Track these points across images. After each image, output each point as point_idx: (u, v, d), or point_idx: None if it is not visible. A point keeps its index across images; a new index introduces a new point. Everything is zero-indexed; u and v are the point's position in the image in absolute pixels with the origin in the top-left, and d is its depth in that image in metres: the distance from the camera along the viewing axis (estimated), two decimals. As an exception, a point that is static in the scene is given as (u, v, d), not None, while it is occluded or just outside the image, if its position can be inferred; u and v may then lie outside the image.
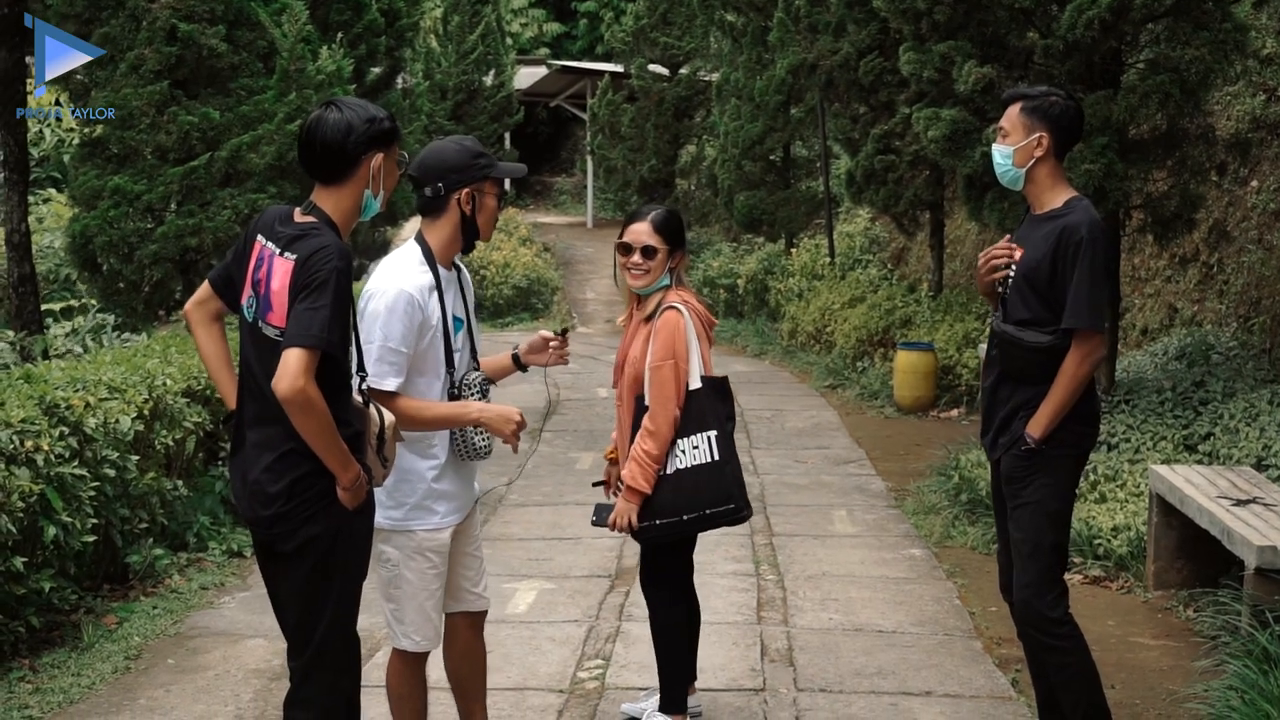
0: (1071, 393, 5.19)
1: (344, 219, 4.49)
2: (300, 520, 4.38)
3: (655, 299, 5.67)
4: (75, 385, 7.75)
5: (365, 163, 4.45)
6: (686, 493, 5.55)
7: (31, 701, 6.38)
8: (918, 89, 13.17)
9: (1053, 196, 5.32)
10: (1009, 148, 5.31)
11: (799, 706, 6.38)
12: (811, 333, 20.68)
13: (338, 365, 4.37)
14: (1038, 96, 5.30)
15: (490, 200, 5.03)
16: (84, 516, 7.22)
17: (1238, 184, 12.74)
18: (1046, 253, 5.19)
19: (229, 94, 12.60)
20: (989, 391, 5.48)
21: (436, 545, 4.95)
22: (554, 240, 34.76)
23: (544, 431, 14.32)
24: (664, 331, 5.56)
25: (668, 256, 5.65)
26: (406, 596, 4.98)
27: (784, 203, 24.50)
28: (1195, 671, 6.63)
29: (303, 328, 4.20)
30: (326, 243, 4.30)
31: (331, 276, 4.23)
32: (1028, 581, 5.31)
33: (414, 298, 4.80)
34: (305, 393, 4.16)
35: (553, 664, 6.99)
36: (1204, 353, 11.29)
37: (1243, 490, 7.62)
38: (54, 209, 19.13)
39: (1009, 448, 5.33)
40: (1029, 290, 5.25)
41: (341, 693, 4.58)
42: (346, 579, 4.51)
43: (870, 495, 11.22)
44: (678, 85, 32.91)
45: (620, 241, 5.69)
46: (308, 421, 4.22)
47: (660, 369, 5.53)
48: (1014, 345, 5.28)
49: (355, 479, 4.37)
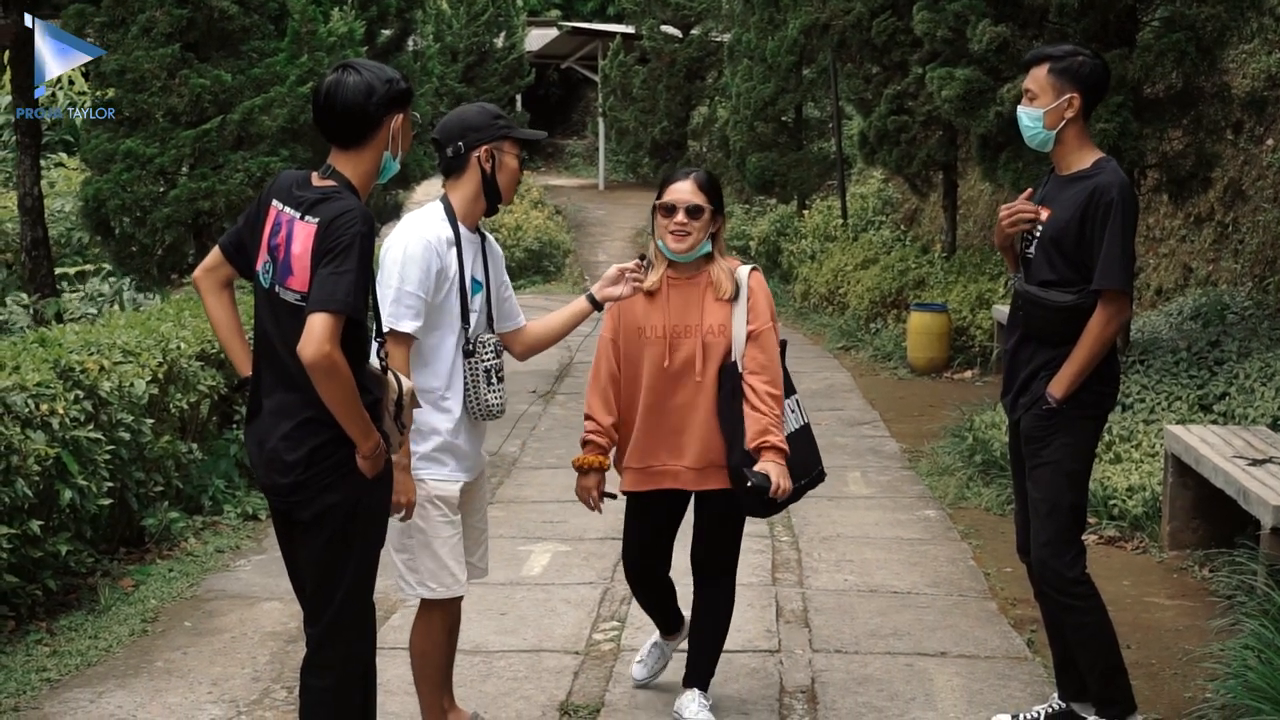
0: (1095, 353, 5.16)
1: (363, 182, 4.47)
2: (319, 489, 4.37)
3: (719, 274, 5.41)
4: (90, 349, 7.76)
5: (386, 124, 4.42)
6: (800, 456, 5.43)
7: (49, 664, 6.40)
8: (931, 48, 13.12)
9: (1080, 157, 5.26)
10: (1038, 110, 5.22)
11: (814, 667, 6.38)
12: (824, 294, 20.66)
13: (360, 332, 4.36)
14: (1065, 56, 5.22)
15: (510, 160, 5.04)
16: (99, 480, 7.23)
17: (1253, 143, 12.69)
18: (1075, 213, 5.14)
19: (240, 56, 12.57)
20: (1010, 353, 5.46)
21: (447, 495, 4.98)
22: (566, 203, 34.69)
23: (557, 394, 14.33)
24: (760, 292, 5.43)
25: (711, 219, 5.38)
26: (419, 545, 5.00)
27: (796, 164, 24.46)
28: (1211, 631, 6.62)
29: (328, 292, 4.16)
30: (350, 206, 4.28)
31: (356, 240, 4.20)
32: (1045, 540, 5.29)
33: (431, 245, 4.85)
34: (331, 358, 4.13)
35: (568, 626, 7.00)
36: (1219, 312, 11.26)
37: (1258, 450, 7.61)
38: (66, 173, 19.12)
39: (1030, 407, 5.29)
40: (1055, 252, 5.21)
41: (358, 659, 4.58)
42: (365, 546, 4.51)
43: (884, 457, 11.22)
44: (689, 46, 32.87)
45: (662, 203, 5.36)
46: (332, 387, 4.19)
47: (769, 331, 5.39)
48: (1038, 305, 5.24)
49: (375, 447, 4.35)
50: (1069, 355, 5.19)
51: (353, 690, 4.59)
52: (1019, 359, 5.40)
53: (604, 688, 6.17)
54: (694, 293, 5.39)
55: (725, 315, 5.36)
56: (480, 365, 4.96)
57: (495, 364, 5.00)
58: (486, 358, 4.97)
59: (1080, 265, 5.16)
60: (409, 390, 4.58)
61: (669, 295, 5.41)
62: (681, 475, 5.43)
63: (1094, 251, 5.13)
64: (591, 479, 5.52)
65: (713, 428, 5.36)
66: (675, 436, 5.41)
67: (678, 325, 5.37)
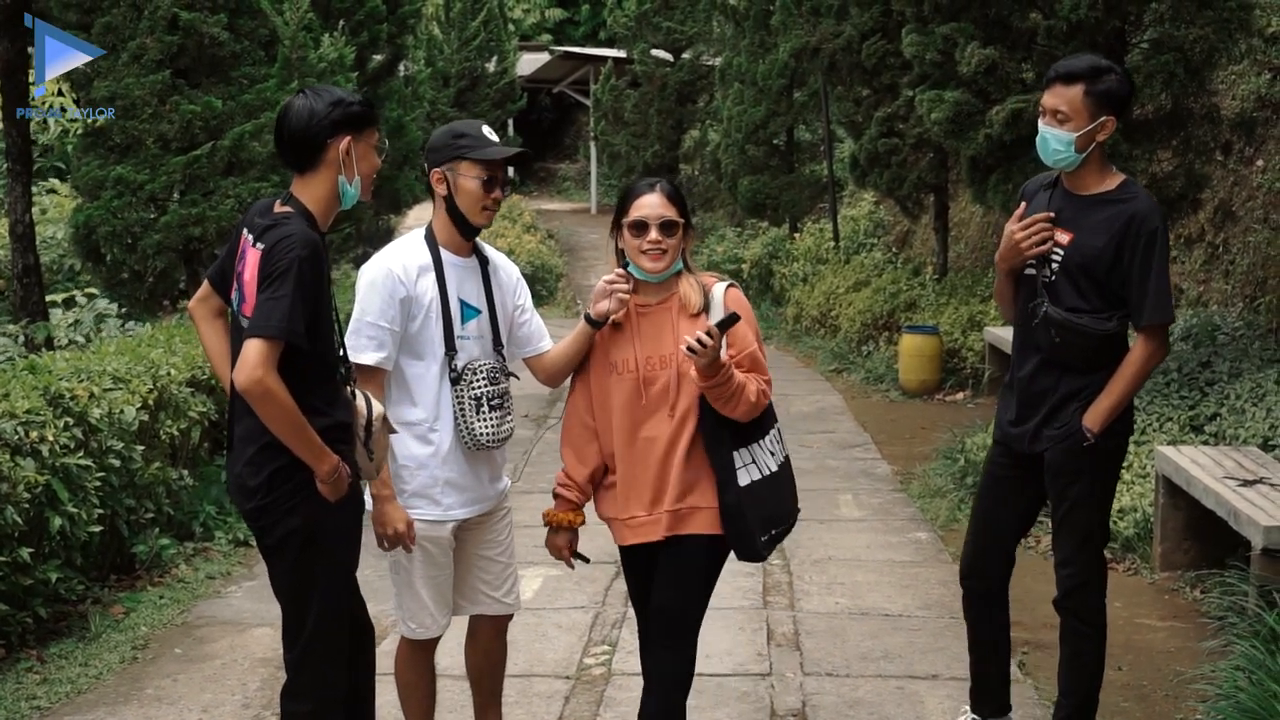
0: (1136, 387, 5.10)
1: (320, 207, 4.47)
2: (281, 513, 4.40)
3: (685, 288, 4.82)
4: (79, 376, 7.75)
5: (332, 147, 4.42)
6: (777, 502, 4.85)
7: (39, 692, 6.38)
8: (920, 71, 13.12)
9: (1101, 178, 5.12)
10: (1070, 134, 5.00)
11: (805, 691, 6.37)
12: (816, 317, 20.66)
13: (315, 356, 4.36)
14: (1099, 76, 4.99)
15: (468, 182, 4.83)
16: (90, 507, 7.22)
17: (1243, 163, 12.71)
18: (1110, 241, 5.00)
19: (231, 82, 12.61)
20: (1026, 380, 5.24)
21: (436, 538, 4.91)
22: (558, 227, 34.74)
23: (550, 418, 14.31)
24: (743, 309, 4.81)
25: (684, 232, 4.82)
26: (404, 583, 4.98)
27: (788, 187, 24.48)
28: (1202, 652, 6.62)
29: (262, 318, 4.20)
30: (291, 232, 4.29)
31: (293, 265, 4.21)
32: (1076, 569, 5.25)
33: (394, 273, 4.77)
34: (264, 383, 4.16)
35: (559, 650, 6.99)
36: (1210, 333, 11.27)
37: (1249, 471, 7.61)
38: (57, 200, 19.13)
39: (1061, 441, 5.14)
40: (1084, 277, 5.05)
41: (335, 685, 4.56)
42: (331, 571, 4.50)
43: (876, 479, 11.21)
44: (680, 70, 32.91)
45: (632, 220, 4.75)
46: (269, 412, 4.22)
47: (754, 354, 4.78)
48: (1075, 333, 5.04)
49: (331, 471, 4.35)
50: (1100, 385, 5.09)
51: (330, 716, 4.58)
52: (1040, 387, 5.20)
53: (595, 712, 6.16)
54: (665, 318, 4.81)
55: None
56: (468, 393, 4.83)
57: (488, 391, 4.86)
58: (478, 385, 4.85)
59: (1110, 293, 5.05)
60: (378, 415, 4.56)
61: (638, 324, 4.83)
62: (660, 522, 4.78)
63: (1128, 281, 5.01)
64: (562, 537, 5.04)
65: (693, 466, 4.76)
66: (656, 481, 4.78)
67: (651, 356, 4.78)
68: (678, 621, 4.82)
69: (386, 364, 4.80)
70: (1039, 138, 5.12)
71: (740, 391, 4.64)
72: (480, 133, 4.89)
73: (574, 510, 4.99)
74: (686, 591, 4.83)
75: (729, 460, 4.75)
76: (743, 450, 4.79)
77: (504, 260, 5.19)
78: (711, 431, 4.74)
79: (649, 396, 4.77)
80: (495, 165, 4.86)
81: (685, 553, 4.80)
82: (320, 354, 4.41)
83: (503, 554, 5.21)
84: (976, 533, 5.51)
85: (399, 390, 4.88)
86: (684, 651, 4.83)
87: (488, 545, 5.14)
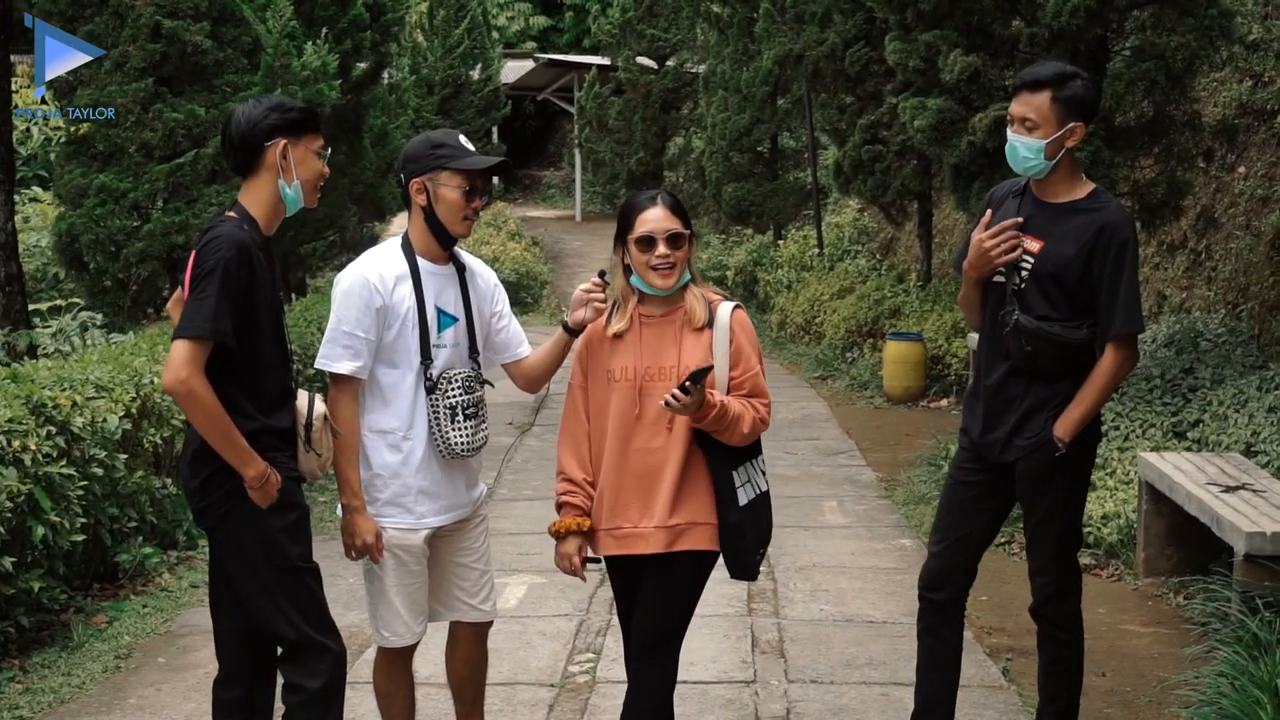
0: (1106, 396, 5.10)
1: (262, 212, 4.51)
2: (216, 518, 4.45)
3: (691, 301, 4.78)
4: (62, 384, 7.72)
5: (269, 151, 4.46)
6: (761, 525, 4.85)
7: (22, 701, 6.37)
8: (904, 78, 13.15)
9: (1070, 186, 5.09)
10: (1040, 141, 4.97)
11: (790, 698, 6.38)
12: (800, 324, 20.68)
13: (249, 358, 4.38)
14: (1065, 82, 4.97)
15: (448, 192, 4.81)
16: (73, 516, 7.19)
17: (1225, 170, 12.74)
18: (1080, 250, 4.98)
19: (214, 90, 12.59)
20: (994, 388, 5.19)
21: (408, 545, 4.89)
22: (543, 234, 34.72)
23: (534, 426, 14.31)
24: (748, 332, 4.83)
25: (689, 242, 4.76)
26: (377, 591, 4.97)
27: (772, 194, 24.53)
28: (1185, 658, 6.64)
29: (187, 318, 4.25)
30: (219, 233, 4.35)
31: (218, 266, 4.25)
32: (1052, 577, 5.25)
33: (370, 282, 4.77)
34: (187, 384, 4.20)
35: (543, 658, 6.99)
36: (1192, 340, 11.29)
37: (1231, 477, 7.63)
38: (40, 208, 19.08)
39: (1032, 451, 5.11)
40: (1053, 286, 5.03)
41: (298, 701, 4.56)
42: (272, 581, 4.50)
43: (860, 486, 11.22)
44: (664, 77, 32.97)
45: (638, 236, 4.69)
46: (193, 414, 4.28)
47: (760, 373, 4.82)
48: (1048, 341, 5.01)
49: (259, 477, 4.36)
50: (1068, 393, 5.07)
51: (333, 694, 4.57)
52: (1008, 395, 5.16)
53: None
54: (669, 330, 4.77)
55: (704, 355, 4.72)
56: (443, 402, 4.82)
57: (463, 400, 4.85)
58: (453, 393, 4.84)
59: (1079, 302, 5.02)
60: (319, 414, 4.56)
61: (641, 334, 4.78)
62: (652, 537, 4.73)
63: (1097, 290, 5.00)
64: (571, 544, 4.84)
65: (688, 482, 4.72)
66: (646, 494, 4.74)
67: (650, 368, 4.74)
68: (661, 641, 4.81)
69: (361, 373, 4.79)
70: (1009, 146, 5.08)
71: (736, 424, 4.66)
72: (458, 142, 4.87)
73: (582, 515, 4.85)
74: (671, 611, 4.83)
75: (730, 479, 4.74)
76: (739, 470, 4.79)
77: (481, 266, 5.18)
78: (715, 449, 4.72)
79: (644, 408, 4.72)
80: (476, 175, 4.85)
81: (677, 570, 4.78)
82: (254, 357, 4.41)
83: (479, 561, 5.20)
84: (942, 543, 5.41)
85: (373, 398, 4.87)
86: (667, 666, 4.83)
87: (463, 552, 5.13)
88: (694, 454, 4.73)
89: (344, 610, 7.77)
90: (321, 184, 4.66)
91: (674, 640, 4.83)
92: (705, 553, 4.78)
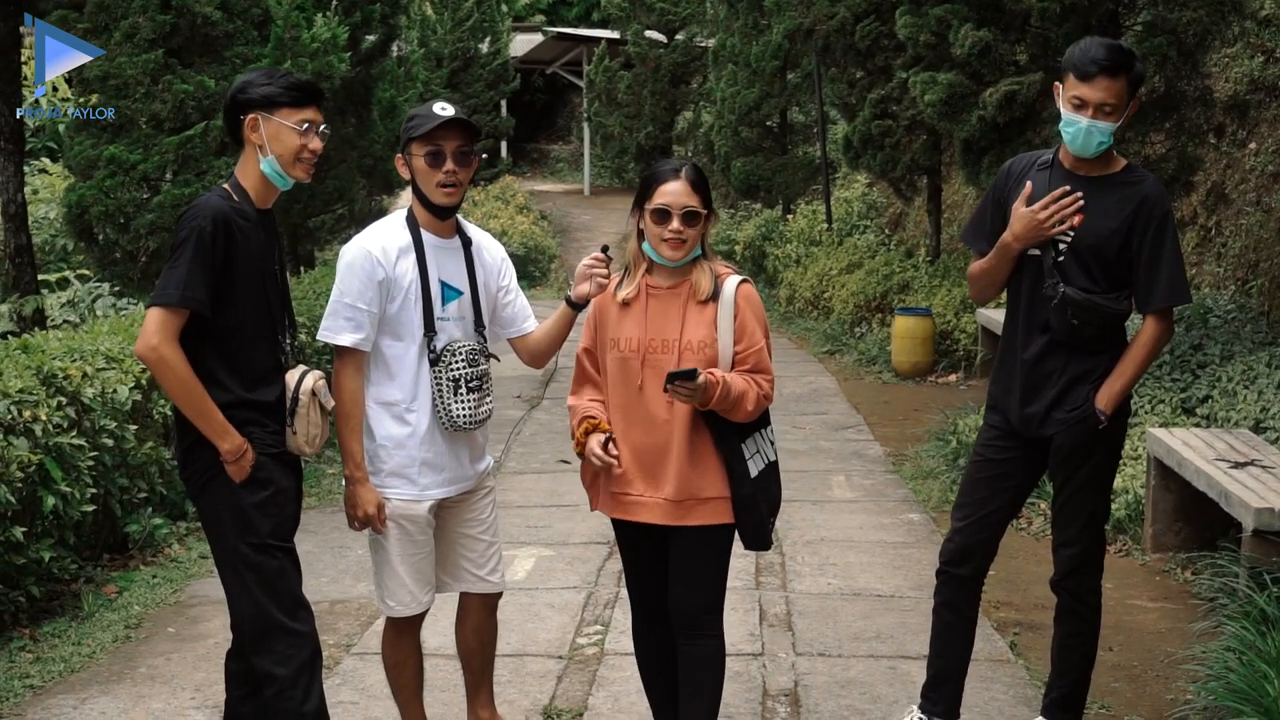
0: (1146, 367, 5.11)
1: (252, 184, 4.53)
2: (196, 488, 4.47)
3: (698, 274, 4.78)
4: (73, 355, 7.74)
5: (244, 125, 4.49)
6: (772, 493, 4.87)
7: (32, 670, 6.39)
8: (914, 53, 13.14)
9: (1107, 161, 5.06)
10: (1114, 124, 4.92)
11: (797, 671, 6.39)
12: (809, 299, 20.66)
13: (227, 329, 4.39)
14: (1134, 65, 4.91)
15: (418, 162, 4.83)
16: (83, 486, 7.22)
17: (1236, 146, 12.72)
18: (1122, 224, 4.97)
19: (224, 62, 12.54)
20: (1032, 362, 5.14)
21: (412, 515, 4.92)
22: (551, 208, 34.70)
23: (543, 399, 14.32)
24: (754, 306, 4.80)
25: (706, 219, 4.76)
26: (382, 562, 4.99)
27: (781, 169, 24.49)
28: (1193, 633, 6.64)
29: (160, 287, 4.28)
30: (198, 203, 4.39)
31: (193, 234, 4.28)
32: (1080, 550, 5.25)
33: (372, 255, 4.78)
34: (158, 351, 4.22)
35: (552, 630, 7.00)
36: (1202, 316, 11.29)
37: (1240, 453, 7.63)
38: (49, 180, 19.07)
39: (1076, 424, 5.08)
40: (1093, 259, 5.00)
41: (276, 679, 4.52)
42: (236, 558, 4.48)
43: (868, 460, 11.23)
44: (674, 51, 32.89)
45: (655, 207, 4.69)
46: (166, 382, 4.29)
47: (765, 349, 4.79)
48: (1095, 312, 4.99)
49: (234, 451, 4.37)
50: (1105, 366, 5.07)
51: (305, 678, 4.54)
52: (1046, 369, 5.12)
53: (587, 692, 6.17)
54: (675, 302, 4.77)
55: (708, 329, 4.72)
56: (446, 375, 4.84)
57: (467, 373, 4.87)
58: (456, 366, 4.85)
59: (1116, 275, 5.02)
60: (305, 389, 4.55)
61: (647, 305, 4.78)
62: (658, 509, 4.75)
63: (1136, 263, 4.99)
64: (595, 440, 4.74)
65: (695, 457, 4.72)
66: (652, 466, 4.75)
67: (654, 339, 4.74)
68: (704, 611, 4.85)
69: (364, 345, 4.80)
70: (1081, 131, 4.93)
71: (739, 402, 4.66)
72: (431, 111, 4.84)
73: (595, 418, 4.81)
74: (705, 583, 4.85)
75: (740, 452, 4.75)
76: (748, 441, 4.79)
77: (489, 240, 5.19)
78: (720, 423, 4.72)
79: (645, 380, 4.72)
80: (439, 139, 4.81)
81: (699, 544, 4.80)
82: (234, 328, 4.41)
83: (485, 532, 5.21)
84: (968, 519, 5.37)
85: (378, 370, 4.89)
86: (715, 635, 4.88)
87: (470, 524, 5.15)
88: (700, 428, 4.73)
89: (353, 582, 7.82)
90: (310, 159, 4.58)
91: (715, 610, 4.87)
92: (723, 525, 4.79)
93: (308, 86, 4.59)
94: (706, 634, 4.86)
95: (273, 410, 4.51)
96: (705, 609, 4.85)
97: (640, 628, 5.14)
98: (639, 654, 5.20)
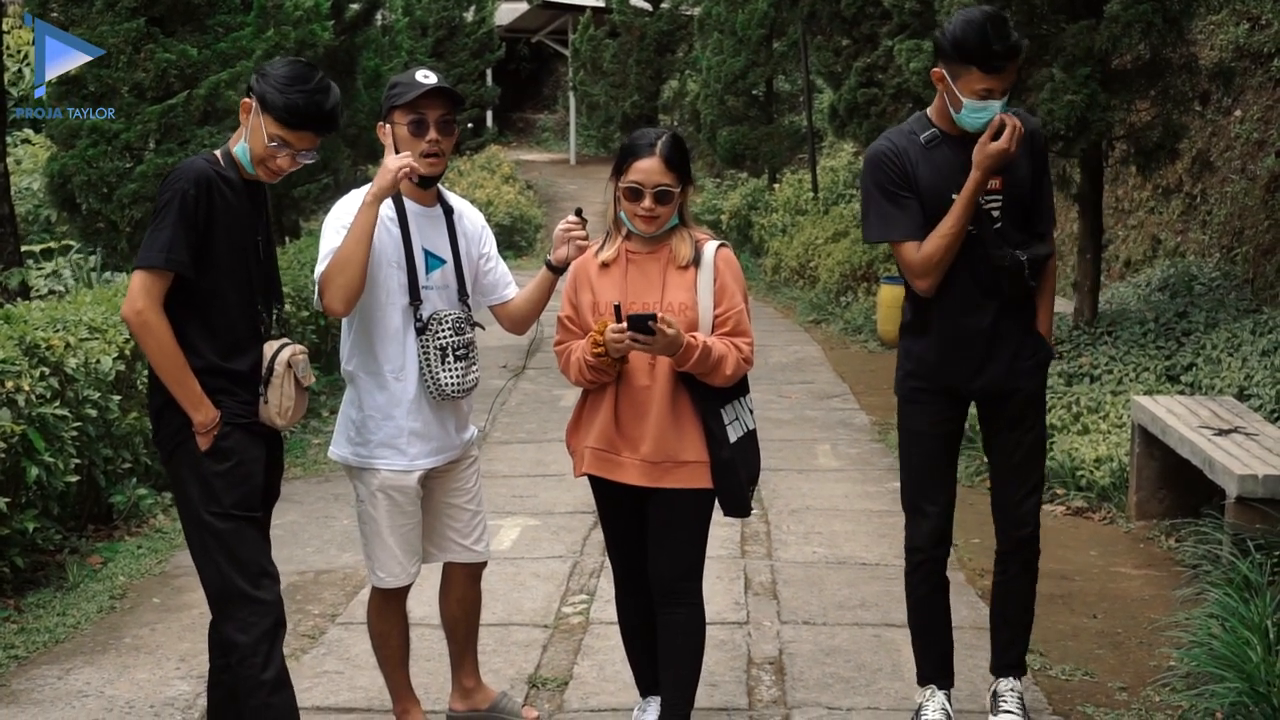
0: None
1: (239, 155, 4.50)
2: (166, 452, 4.45)
3: (677, 240, 4.81)
4: (55, 325, 7.72)
5: (242, 104, 4.50)
6: (751, 462, 4.93)
7: (17, 641, 6.38)
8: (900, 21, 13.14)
9: None
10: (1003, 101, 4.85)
11: (782, 639, 6.40)
12: (795, 268, 20.66)
13: (207, 292, 4.36)
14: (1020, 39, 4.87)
15: (400, 130, 4.80)
16: (66, 457, 7.20)
17: (1221, 114, 12.72)
18: (1030, 165, 5.00)
19: (206, 31, 12.48)
20: (990, 330, 5.05)
21: (402, 487, 4.92)
22: (537, 178, 34.65)
23: (527, 369, 14.32)
24: (733, 270, 4.83)
25: (680, 196, 4.78)
26: (372, 534, 4.99)
27: (767, 138, 24.46)
28: (1177, 600, 6.66)
29: (144, 249, 4.26)
30: (183, 164, 4.38)
31: (175, 197, 4.26)
32: (1033, 506, 5.25)
33: None
34: (142, 315, 4.22)
35: (537, 599, 7.01)
36: (1187, 283, 11.31)
37: (1224, 420, 7.64)
38: (32, 150, 18.99)
39: (1038, 368, 5.14)
40: (1019, 211, 5.02)
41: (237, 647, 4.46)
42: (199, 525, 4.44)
43: (854, 429, 11.24)
44: (659, 20, 32.82)
45: (628, 185, 4.72)
46: (147, 346, 4.29)
47: (744, 311, 4.82)
48: (1043, 266, 5.04)
49: (206, 423, 4.34)
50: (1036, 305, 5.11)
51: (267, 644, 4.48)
52: (1003, 330, 5.06)
53: (572, 660, 6.18)
54: (654, 267, 4.81)
55: (688, 293, 4.76)
56: (433, 343, 4.85)
57: (453, 341, 4.88)
58: (443, 335, 4.86)
59: (1030, 217, 5.07)
60: (281, 360, 4.51)
61: (626, 269, 4.82)
62: (635, 469, 4.79)
63: (1036, 195, 5.06)
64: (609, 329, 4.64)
65: (675, 419, 4.76)
66: (631, 427, 4.79)
67: (634, 303, 4.74)
68: (681, 577, 4.89)
69: (363, 311, 4.83)
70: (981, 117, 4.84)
71: (719, 365, 4.69)
72: (414, 79, 4.83)
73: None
74: (683, 548, 4.89)
75: (719, 416, 4.78)
76: (727, 408, 4.82)
77: (469, 208, 5.20)
78: (701, 389, 4.75)
79: None
80: (422, 107, 4.79)
81: (677, 508, 4.84)
82: (211, 293, 4.38)
83: (471, 502, 5.22)
84: (937, 502, 5.30)
85: (364, 340, 4.89)
86: (694, 602, 4.91)
87: (455, 493, 5.16)
88: (680, 393, 4.77)
89: (339, 552, 7.82)
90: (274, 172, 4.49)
91: (694, 577, 4.91)
92: (701, 490, 4.81)
93: (304, 114, 4.42)
94: (685, 601, 4.89)
95: (245, 380, 4.47)
96: (683, 575, 4.89)
97: (622, 595, 5.17)
98: (621, 621, 5.23)
